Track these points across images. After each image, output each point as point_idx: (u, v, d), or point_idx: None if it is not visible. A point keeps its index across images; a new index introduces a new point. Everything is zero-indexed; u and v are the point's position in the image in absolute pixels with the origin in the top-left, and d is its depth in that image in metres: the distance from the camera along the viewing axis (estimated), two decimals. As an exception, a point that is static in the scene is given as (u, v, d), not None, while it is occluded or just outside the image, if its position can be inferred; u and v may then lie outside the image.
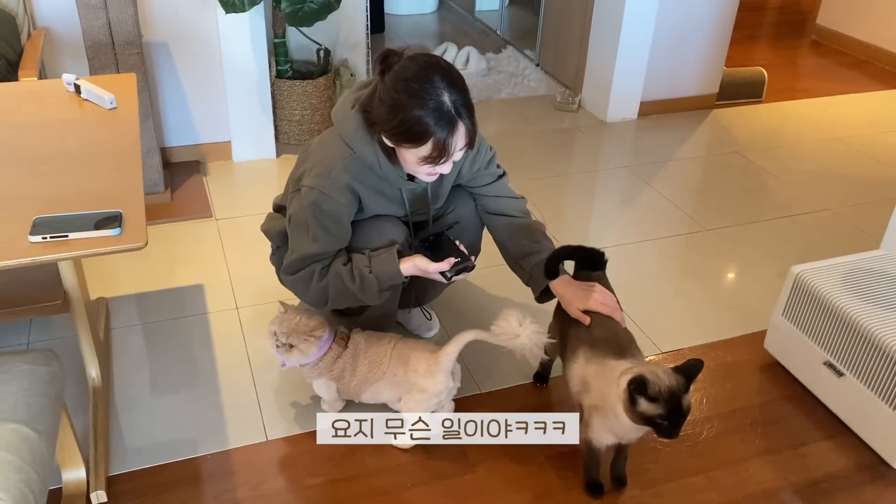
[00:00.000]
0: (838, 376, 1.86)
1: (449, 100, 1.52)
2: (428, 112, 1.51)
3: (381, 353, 1.76)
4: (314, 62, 3.22)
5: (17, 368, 1.32)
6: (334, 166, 1.68)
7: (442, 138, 1.53)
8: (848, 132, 3.59)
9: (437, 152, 1.55)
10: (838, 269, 1.95)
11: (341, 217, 1.71)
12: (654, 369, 1.47)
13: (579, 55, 3.73)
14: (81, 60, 2.58)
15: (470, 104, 1.57)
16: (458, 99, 1.54)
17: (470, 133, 1.58)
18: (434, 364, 1.72)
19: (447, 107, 1.51)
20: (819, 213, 2.88)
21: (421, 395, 1.72)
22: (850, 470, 1.79)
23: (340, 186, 1.69)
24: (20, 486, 1.14)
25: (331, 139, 1.73)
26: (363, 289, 1.71)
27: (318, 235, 1.71)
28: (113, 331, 2.13)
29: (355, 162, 1.69)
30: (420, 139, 1.54)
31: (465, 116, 1.54)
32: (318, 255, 1.73)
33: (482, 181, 1.89)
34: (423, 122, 1.51)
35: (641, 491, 1.71)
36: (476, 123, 1.61)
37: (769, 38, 5.09)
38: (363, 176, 1.71)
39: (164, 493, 1.66)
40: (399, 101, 1.52)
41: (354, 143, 1.68)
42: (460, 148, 1.59)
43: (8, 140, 1.59)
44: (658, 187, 3.03)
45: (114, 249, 1.28)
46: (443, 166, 1.63)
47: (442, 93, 1.51)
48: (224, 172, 3.01)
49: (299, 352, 1.70)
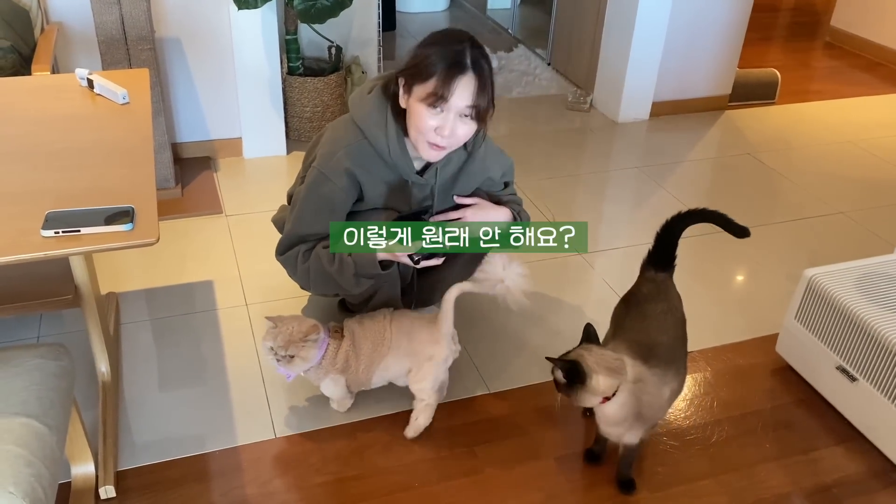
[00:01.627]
0: (851, 381, 1.85)
1: (469, 52, 1.58)
2: (443, 50, 1.58)
3: (380, 328, 1.76)
4: (325, 59, 3.21)
5: (28, 363, 1.32)
6: (338, 150, 1.71)
7: (446, 76, 1.56)
8: (862, 135, 3.56)
9: (439, 91, 1.57)
10: (852, 273, 1.93)
11: (335, 202, 1.73)
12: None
13: (591, 55, 3.71)
14: (94, 55, 2.59)
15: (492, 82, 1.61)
16: (478, 56, 1.59)
17: (476, 93, 1.59)
18: (435, 331, 1.75)
19: (463, 54, 1.57)
20: (832, 216, 2.86)
21: (430, 363, 1.75)
22: (861, 476, 1.77)
23: (340, 171, 1.70)
24: (30, 480, 1.14)
25: (343, 123, 1.76)
26: (341, 271, 1.72)
27: (306, 216, 1.75)
28: (122, 326, 2.13)
29: (362, 148, 1.70)
30: (428, 72, 1.58)
31: (479, 73, 1.58)
32: (304, 235, 1.77)
33: (493, 189, 1.92)
34: (434, 57, 1.58)
35: (650, 494, 1.70)
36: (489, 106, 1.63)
37: (783, 39, 5.06)
38: (369, 163, 1.71)
39: (173, 488, 1.66)
40: (423, 43, 1.62)
41: (366, 127, 1.69)
42: (463, 103, 1.59)
43: (21, 134, 1.60)
44: (669, 188, 3.01)
45: (125, 245, 1.27)
46: (444, 125, 1.60)
47: (464, 45, 1.58)
48: (235, 169, 3.01)
49: (301, 359, 1.69)
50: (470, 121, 1.63)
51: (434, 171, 1.76)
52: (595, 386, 1.51)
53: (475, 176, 1.85)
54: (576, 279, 2.45)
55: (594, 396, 1.53)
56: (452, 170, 1.80)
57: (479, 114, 1.62)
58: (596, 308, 2.30)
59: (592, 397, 1.53)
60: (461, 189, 1.83)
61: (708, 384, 2.03)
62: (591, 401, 1.55)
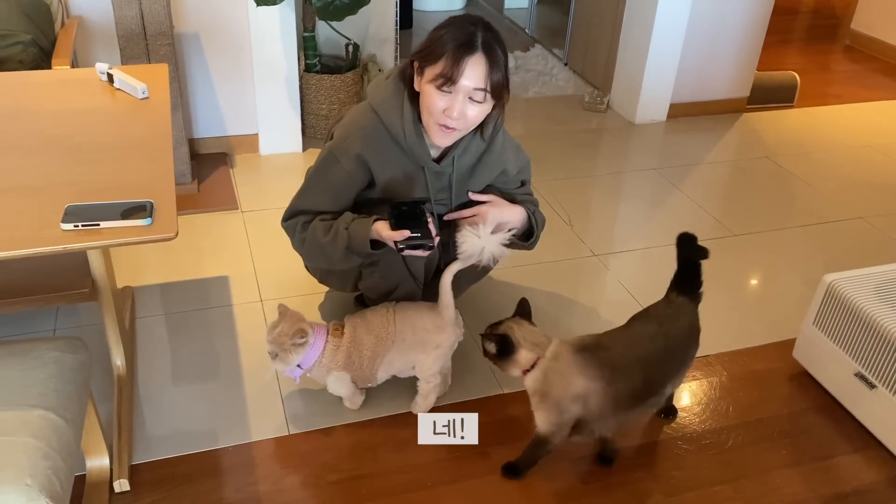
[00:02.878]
0: (870, 388, 1.83)
1: (481, 35, 1.58)
2: (455, 31, 1.58)
3: (383, 322, 1.76)
4: (343, 57, 3.21)
5: (46, 355, 1.32)
6: (353, 132, 1.73)
7: (455, 56, 1.57)
8: (881, 139, 3.53)
9: (448, 72, 1.57)
10: (872, 279, 1.91)
11: (339, 183, 1.76)
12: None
13: (609, 55, 3.69)
14: (113, 50, 2.60)
15: (505, 63, 1.61)
16: (490, 38, 1.59)
17: (488, 76, 1.59)
18: (438, 318, 1.76)
19: (474, 35, 1.58)
20: (851, 221, 2.83)
21: (438, 351, 1.77)
22: (879, 484, 1.75)
23: (351, 155, 1.73)
24: (47, 472, 1.14)
25: (360, 108, 1.78)
26: (333, 243, 1.72)
27: (310, 191, 1.80)
28: (138, 320, 2.13)
29: (377, 132, 1.72)
30: (438, 54, 1.59)
31: (490, 55, 1.58)
32: (305, 209, 1.80)
33: (508, 186, 1.91)
34: (445, 38, 1.58)
35: (665, 498, 1.69)
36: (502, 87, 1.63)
37: (802, 42, 5.02)
38: (383, 148, 1.72)
39: (186, 483, 1.66)
40: (438, 26, 1.62)
41: (382, 111, 1.71)
42: (473, 85, 1.58)
43: (41, 128, 1.60)
44: (686, 191, 2.99)
45: (144, 239, 1.28)
46: (452, 106, 1.60)
47: (476, 27, 1.59)
48: (250, 165, 3.01)
49: (281, 360, 1.72)
50: (480, 104, 1.62)
51: (451, 160, 1.76)
52: (518, 358, 1.61)
53: (492, 168, 1.83)
54: (590, 280, 2.44)
55: (517, 368, 1.63)
56: (470, 160, 1.79)
57: (492, 94, 1.62)
58: (610, 310, 2.29)
59: (516, 369, 1.63)
60: (478, 180, 1.83)
61: (724, 388, 2.01)
62: (514, 371, 1.64)
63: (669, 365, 1.67)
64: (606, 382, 1.57)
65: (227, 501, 1.63)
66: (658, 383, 1.65)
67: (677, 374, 1.72)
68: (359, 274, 1.90)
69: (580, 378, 1.58)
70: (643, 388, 1.62)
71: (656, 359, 1.64)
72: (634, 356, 1.62)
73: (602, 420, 1.61)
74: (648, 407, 1.74)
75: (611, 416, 1.61)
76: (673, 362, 1.68)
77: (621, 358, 1.61)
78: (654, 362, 1.63)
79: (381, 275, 1.83)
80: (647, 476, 1.74)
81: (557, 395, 1.59)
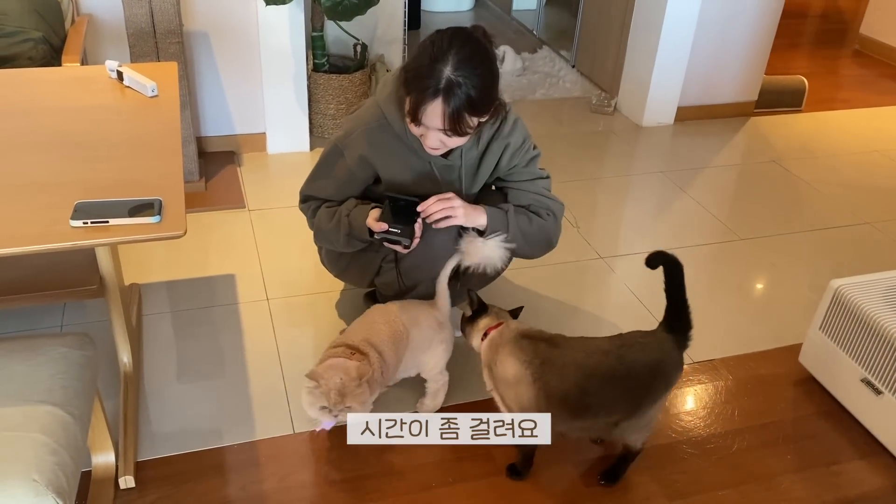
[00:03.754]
0: (876, 394, 1.82)
1: (447, 75, 1.53)
2: (426, 70, 1.55)
3: (395, 330, 1.74)
4: (351, 57, 3.22)
5: (53, 351, 1.33)
6: (357, 129, 1.76)
7: (417, 100, 1.56)
8: (890, 145, 3.52)
9: (412, 112, 1.59)
10: (879, 285, 1.91)
11: (342, 176, 1.81)
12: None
13: (617, 57, 3.69)
14: (123, 48, 2.60)
15: (472, 98, 1.55)
16: (459, 83, 1.53)
17: (448, 119, 1.56)
18: (440, 315, 1.81)
19: (440, 78, 1.54)
20: (858, 226, 2.83)
21: (442, 346, 1.80)
22: (885, 491, 1.75)
23: (354, 154, 1.77)
24: (54, 468, 1.14)
25: (368, 104, 1.81)
26: (336, 229, 1.80)
27: (317, 180, 1.87)
28: (144, 317, 2.14)
29: (381, 129, 1.73)
30: (408, 88, 1.60)
31: (451, 100, 1.54)
32: (313, 196, 1.87)
33: (518, 177, 1.87)
34: (415, 74, 1.57)
35: (669, 502, 1.69)
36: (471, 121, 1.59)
37: (811, 46, 5.00)
38: (387, 145, 1.74)
39: (191, 481, 1.67)
40: (420, 50, 1.59)
41: (386, 108, 1.73)
42: (436, 126, 1.58)
43: (51, 125, 1.61)
44: (693, 194, 2.99)
45: (153, 237, 1.28)
46: (426, 137, 1.63)
47: (445, 66, 1.54)
48: (258, 164, 3.02)
49: (360, 404, 1.58)
50: (451, 135, 1.61)
51: (459, 153, 1.76)
52: (478, 323, 1.71)
53: (497, 148, 1.81)
54: (596, 283, 2.44)
55: (477, 333, 1.71)
56: (480, 149, 1.80)
57: (454, 133, 1.60)
58: (616, 313, 2.28)
59: (476, 334, 1.71)
60: (486, 165, 1.83)
61: (729, 393, 2.01)
62: (475, 338, 1.72)
63: (615, 389, 1.55)
64: (534, 372, 1.56)
65: (231, 499, 1.64)
66: (599, 404, 1.57)
67: (627, 409, 1.58)
68: (378, 269, 1.90)
69: (510, 359, 1.60)
70: (578, 398, 1.55)
71: (598, 374, 1.55)
72: (575, 360, 1.57)
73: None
74: (588, 427, 1.65)
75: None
76: (620, 389, 1.56)
77: (560, 357, 1.57)
78: (594, 376, 1.55)
79: (401, 272, 1.84)
80: (650, 479, 1.73)
81: (497, 374, 1.63)
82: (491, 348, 1.66)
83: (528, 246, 1.86)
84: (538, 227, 1.84)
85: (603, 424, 1.62)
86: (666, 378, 1.60)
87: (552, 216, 1.87)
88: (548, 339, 1.63)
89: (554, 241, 1.92)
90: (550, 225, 1.87)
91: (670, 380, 1.61)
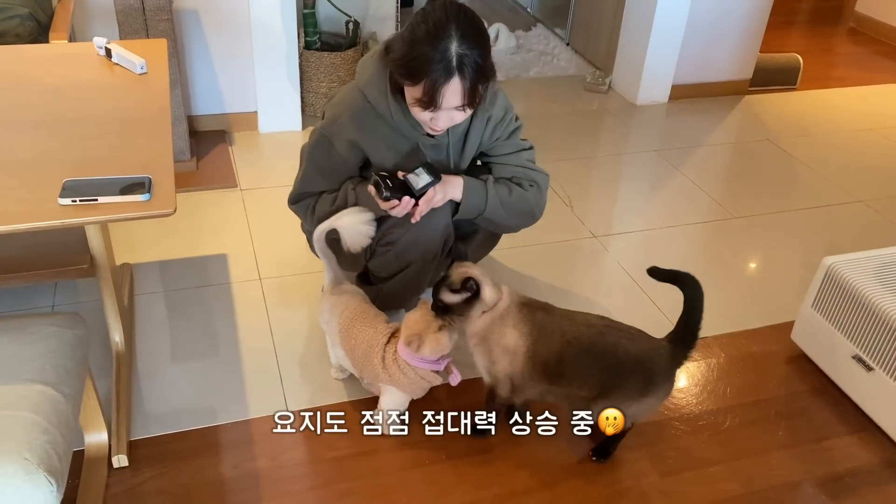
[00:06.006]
0: (867, 371, 1.83)
1: (455, 51, 1.52)
2: (431, 53, 1.52)
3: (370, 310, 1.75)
4: (343, 34, 3.18)
5: (44, 331, 1.32)
6: (342, 114, 1.73)
7: (434, 84, 1.54)
8: (884, 123, 3.51)
9: (428, 98, 1.56)
10: (872, 262, 1.91)
11: (336, 165, 1.78)
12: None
13: (611, 35, 3.67)
14: (111, 25, 2.57)
15: (482, 66, 1.56)
16: (468, 55, 1.53)
17: (467, 94, 1.56)
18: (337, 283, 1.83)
19: (450, 56, 1.52)
20: (851, 204, 2.83)
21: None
22: (874, 466, 1.76)
23: (344, 140, 1.74)
24: (45, 447, 1.14)
25: (349, 88, 1.77)
26: (344, 205, 1.77)
27: (310, 175, 1.82)
28: (136, 297, 2.13)
29: (366, 113, 1.71)
30: (415, 77, 1.56)
31: (466, 74, 1.54)
32: (309, 192, 1.84)
33: (501, 150, 1.86)
34: (421, 61, 1.53)
35: (661, 478, 1.70)
36: (482, 89, 1.60)
37: (805, 24, 4.98)
38: (373, 128, 1.72)
39: (185, 459, 1.67)
40: (412, 37, 1.55)
41: (368, 91, 1.70)
42: (454, 105, 1.58)
43: (39, 102, 1.59)
44: (687, 173, 2.98)
45: (142, 215, 1.27)
46: (437, 119, 1.62)
47: (451, 42, 1.52)
48: (249, 143, 3.00)
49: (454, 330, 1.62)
50: (465, 110, 1.62)
51: (446, 131, 1.75)
52: (484, 297, 1.59)
53: (481, 121, 1.80)
54: (590, 263, 2.44)
55: (480, 309, 1.60)
56: (465, 124, 1.78)
57: (472, 106, 1.61)
58: (610, 292, 2.29)
59: (479, 309, 1.59)
60: (472, 139, 1.82)
61: (721, 370, 2.02)
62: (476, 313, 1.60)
63: (588, 363, 1.58)
64: (532, 342, 1.58)
65: (225, 477, 1.64)
66: (572, 374, 1.59)
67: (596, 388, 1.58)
68: (371, 253, 1.89)
69: (514, 332, 1.59)
70: (555, 365, 1.58)
71: (577, 344, 1.57)
72: (560, 328, 1.60)
73: (522, 383, 1.63)
74: (563, 395, 1.64)
75: (528, 378, 1.61)
76: (594, 365, 1.57)
77: (550, 324, 1.60)
78: (572, 343, 1.57)
79: (396, 253, 1.83)
80: (642, 455, 1.74)
81: (492, 344, 1.61)
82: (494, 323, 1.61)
83: (509, 217, 1.84)
84: (519, 197, 1.83)
85: (577, 398, 1.62)
86: (647, 379, 1.58)
87: (535, 186, 1.86)
88: (542, 307, 1.64)
89: (537, 213, 1.90)
90: (532, 195, 1.86)
91: (652, 385, 1.59)
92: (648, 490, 1.67)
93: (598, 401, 1.59)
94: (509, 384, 1.64)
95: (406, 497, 1.63)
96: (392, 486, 1.65)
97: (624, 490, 1.67)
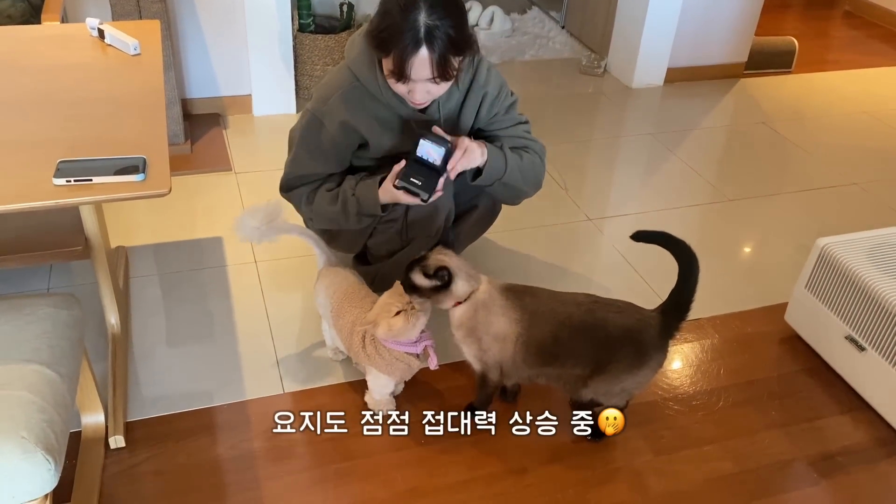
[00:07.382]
0: (859, 351, 1.84)
1: (423, 21, 1.51)
2: (401, 24, 1.51)
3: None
4: (337, 17, 3.17)
5: (40, 311, 1.32)
6: (333, 94, 1.72)
7: (402, 55, 1.53)
8: (878, 106, 3.52)
9: (398, 70, 1.55)
10: (865, 243, 1.92)
11: (328, 145, 1.75)
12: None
13: (606, 18, 3.65)
14: (104, 6, 2.55)
15: (453, 38, 1.54)
16: (438, 25, 1.51)
17: (436, 65, 1.55)
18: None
19: (419, 26, 1.51)
20: (845, 186, 2.83)
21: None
22: (866, 444, 1.78)
23: (335, 120, 1.72)
24: (42, 426, 1.15)
25: (339, 68, 1.76)
26: (344, 210, 1.76)
27: (302, 157, 1.79)
28: (132, 280, 2.13)
29: (356, 91, 1.70)
30: (386, 48, 1.55)
31: (436, 46, 1.52)
32: (302, 175, 1.80)
33: (499, 125, 1.86)
34: (391, 31, 1.53)
35: (655, 457, 1.71)
36: (456, 61, 1.58)
37: (801, 7, 4.96)
38: (365, 106, 1.71)
39: (181, 440, 1.68)
40: (385, 8, 1.55)
41: (357, 68, 1.69)
42: (424, 77, 1.56)
43: (32, 83, 1.58)
44: (682, 155, 2.98)
45: (137, 195, 1.27)
46: (414, 92, 1.60)
47: (419, 13, 1.51)
48: (244, 126, 2.99)
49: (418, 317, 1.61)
50: (441, 83, 1.60)
51: (437, 106, 1.75)
52: (455, 290, 1.57)
53: (475, 97, 1.80)
54: (584, 245, 2.44)
55: (451, 300, 1.59)
56: (458, 100, 1.78)
57: (443, 78, 1.58)
58: (604, 274, 2.29)
59: (449, 300, 1.59)
60: (465, 117, 1.81)
61: (715, 351, 2.03)
62: (446, 304, 1.60)
63: (581, 340, 1.58)
64: (525, 328, 1.58)
65: (221, 458, 1.65)
66: (566, 353, 1.60)
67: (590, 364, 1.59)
68: (370, 232, 1.89)
69: (503, 319, 1.59)
70: (551, 346, 1.59)
71: (569, 323, 1.58)
72: (551, 309, 1.60)
73: (515, 367, 1.63)
74: (557, 376, 1.65)
75: (521, 363, 1.62)
76: (587, 341, 1.58)
77: (541, 306, 1.61)
78: (565, 323, 1.58)
79: (397, 230, 1.83)
80: (637, 435, 1.76)
81: (481, 333, 1.61)
82: (478, 313, 1.60)
83: (524, 182, 1.84)
84: (529, 162, 1.84)
85: (571, 377, 1.62)
86: (639, 350, 1.58)
87: (537, 155, 1.88)
88: (527, 291, 1.64)
89: (541, 180, 1.91)
90: (538, 162, 1.87)
91: (644, 356, 1.59)
92: (643, 469, 1.69)
93: (593, 378, 1.59)
94: (499, 370, 1.65)
95: (401, 476, 1.64)
96: (387, 465, 1.66)
97: (619, 469, 1.69)
